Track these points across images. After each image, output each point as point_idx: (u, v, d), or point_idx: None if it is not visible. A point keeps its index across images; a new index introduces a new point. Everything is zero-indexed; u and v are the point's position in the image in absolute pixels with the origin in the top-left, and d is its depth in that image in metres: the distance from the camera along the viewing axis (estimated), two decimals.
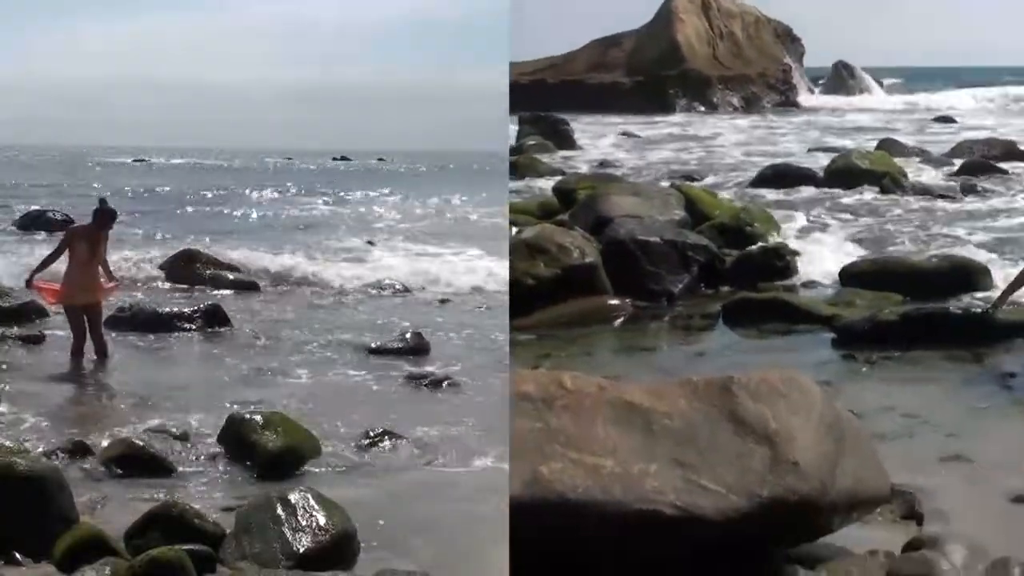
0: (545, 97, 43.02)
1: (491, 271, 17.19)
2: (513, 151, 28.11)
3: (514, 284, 11.45)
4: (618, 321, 11.57)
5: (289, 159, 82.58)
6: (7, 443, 6.40)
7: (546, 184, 20.77)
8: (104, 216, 11.73)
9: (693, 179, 21.72)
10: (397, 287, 16.94)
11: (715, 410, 5.28)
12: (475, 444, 8.36)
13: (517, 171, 24.19)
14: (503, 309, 13.35)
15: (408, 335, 12.20)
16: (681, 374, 6.87)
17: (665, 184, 18.58)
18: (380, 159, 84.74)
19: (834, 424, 5.35)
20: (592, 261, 11.87)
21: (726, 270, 12.99)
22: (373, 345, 12.05)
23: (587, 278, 11.75)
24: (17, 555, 5.91)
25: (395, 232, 26.08)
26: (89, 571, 5.52)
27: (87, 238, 11.56)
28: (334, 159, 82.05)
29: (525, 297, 11.29)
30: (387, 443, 8.44)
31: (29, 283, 11.79)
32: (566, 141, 31.42)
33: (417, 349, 11.89)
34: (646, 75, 48.07)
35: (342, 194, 41.35)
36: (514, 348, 10.48)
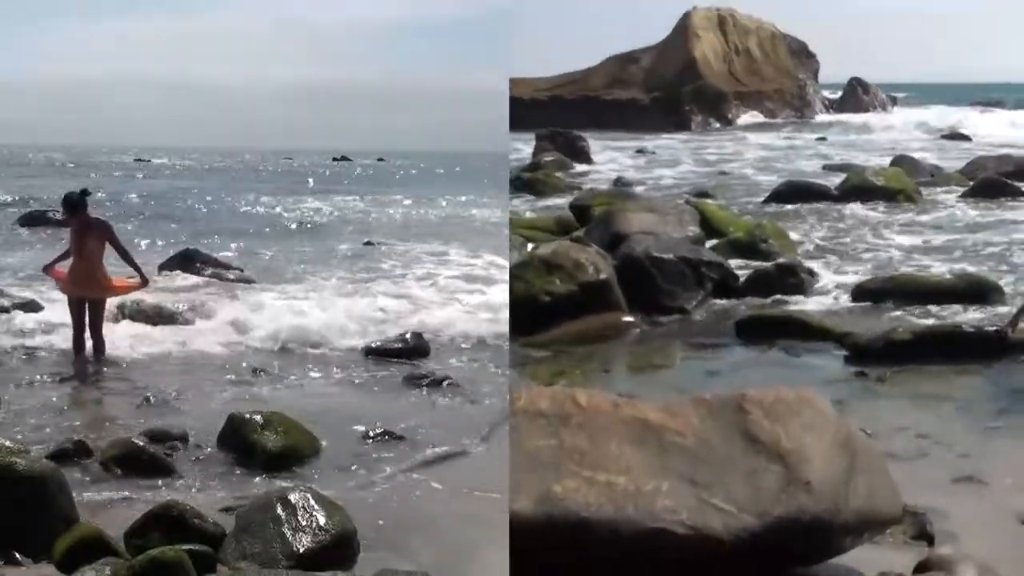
0: (563, 113, 43.10)
1: (492, 270, 17.10)
2: (530, 167, 28.13)
3: (530, 300, 11.45)
4: (632, 338, 11.59)
5: (289, 159, 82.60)
6: (7, 443, 6.41)
7: (561, 201, 20.83)
8: (64, 206, 11.93)
9: (708, 195, 21.73)
10: (396, 287, 16.84)
11: (728, 428, 5.29)
12: (475, 444, 8.38)
13: (535, 187, 24.18)
14: (503, 309, 13.34)
15: (408, 336, 12.20)
16: (694, 391, 6.87)
17: (680, 200, 18.57)
18: (380, 159, 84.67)
19: (847, 443, 5.36)
20: (606, 277, 11.88)
21: (740, 286, 13.01)
22: (373, 345, 12.06)
23: (602, 295, 11.77)
24: (17, 555, 5.92)
25: (395, 232, 26.08)
26: (89, 571, 5.51)
27: (74, 231, 11.74)
28: (334, 159, 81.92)
29: (540, 313, 11.32)
30: (387, 443, 8.46)
31: (46, 269, 12.20)
32: (583, 157, 31.47)
33: (417, 350, 11.90)
34: (663, 91, 48.12)
35: (342, 194, 41.24)
36: (529, 365, 10.49)
